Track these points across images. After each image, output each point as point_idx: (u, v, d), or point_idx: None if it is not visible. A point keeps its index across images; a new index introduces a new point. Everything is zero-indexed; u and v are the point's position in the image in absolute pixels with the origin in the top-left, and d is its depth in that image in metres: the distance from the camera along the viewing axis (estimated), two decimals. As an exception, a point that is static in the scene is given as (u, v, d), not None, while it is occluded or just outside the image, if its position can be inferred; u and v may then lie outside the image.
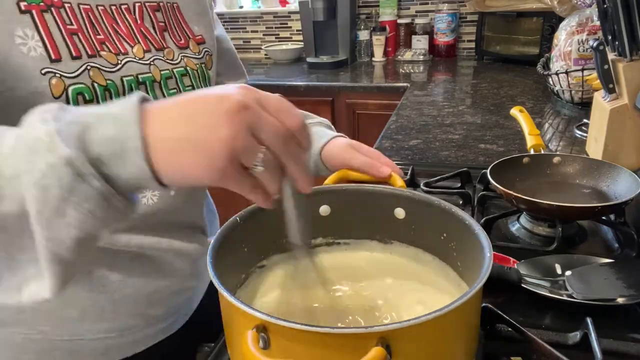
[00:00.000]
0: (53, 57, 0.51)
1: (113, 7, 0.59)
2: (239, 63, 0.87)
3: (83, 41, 0.54)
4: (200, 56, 0.69)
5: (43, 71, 0.50)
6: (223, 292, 0.40)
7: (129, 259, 0.62)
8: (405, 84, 1.92)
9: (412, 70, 2.17)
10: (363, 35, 2.37)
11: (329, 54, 2.36)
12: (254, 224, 0.53)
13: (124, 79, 0.58)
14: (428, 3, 2.38)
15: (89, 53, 0.54)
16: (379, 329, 0.35)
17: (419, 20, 2.34)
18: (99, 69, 0.55)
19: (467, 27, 2.35)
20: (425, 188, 0.87)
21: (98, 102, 0.54)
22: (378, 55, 2.38)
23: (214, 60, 0.74)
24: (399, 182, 0.70)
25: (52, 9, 0.52)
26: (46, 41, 0.51)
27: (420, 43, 2.34)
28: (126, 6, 0.61)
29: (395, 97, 1.85)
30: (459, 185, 0.91)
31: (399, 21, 2.39)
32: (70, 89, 0.52)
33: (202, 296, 0.80)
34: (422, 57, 2.33)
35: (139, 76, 0.59)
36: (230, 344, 0.46)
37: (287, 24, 2.66)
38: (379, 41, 2.35)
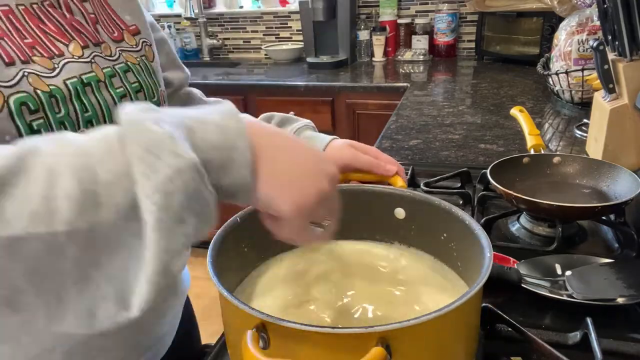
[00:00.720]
0: None
1: (34, 6, 0.52)
2: (175, 54, 0.79)
3: (11, 46, 0.48)
4: (138, 48, 0.63)
5: None
6: (223, 291, 0.40)
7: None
8: (405, 84, 1.92)
9: (412, 70, 2.17)
10: (363, 35, 2.37)
11: (329, 54, 2.36)
12: (254, 224, 0.53)
13: (67, 82, 0.51)
14: (428, 3, 2.38)
15: (22, 59, 0.48)
16: (379, 329, 0.35)
17: (419, 20, 2.35)
18: (37, 74, 0.49)
19: (467, 27, 2.35)
20: (425, 188, 0.87)
21: (45, 111, 0.48)
22: (378, 55, 2.38)
23: (155, 51, 0.67)
24: (399, 182, 0.70)
25: None
26: None
27: (420, 43, 2.34)
28: (49, 2, 0.53)
29: (395, 97, 1.85)
30: (459, 185, 0.91)
31: (399, 21, 2.39)
32: (11, 100, 0.46)
33: (180, 318, 0.76)
34: (422, 57, 2.33)
35: (83, 77, 0.53)
36: (230, 343, 0.46)
37: (287, 24, 2.66)
38: (379, 41, 2.35)
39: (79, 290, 0.33)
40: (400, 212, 0.57)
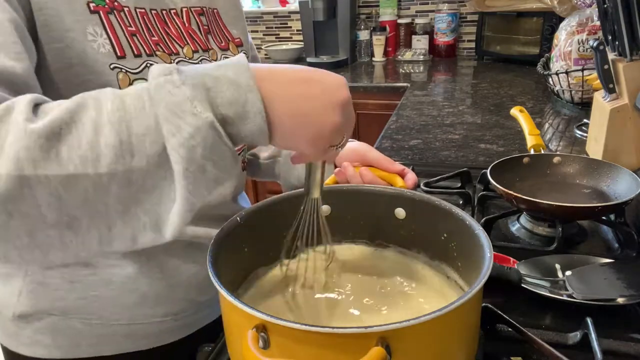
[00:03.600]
0: (119, 54, 0.55)
1: (164, 12, 0.63)
2: None
3: (141, 41, 0.58)
4: None
5: (111, 66, 0.55)
6: (223, 292, 0.40)
7: (183, 246, 0.66)
8: (405, 84, 1.92)
9: (412, 70, 2.17)
10: (363, 35, 2.37)
11: (329, 54, 2.36)
12: (254, 224, 0.53)
13: None
14: (428, 3, 2.38)
15: (147, 52, 0.58)
16: (379, 329, 0.35)
17: (419, 20, 2.34)
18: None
19: (467, 27, 2.35)
20: (425, 188, 0.87)
21: None
22: (378, 55, 2.38)
23: (250, 58, 0.79)
24: (399, 182, 0.70)
25: (115, 11, 0.56)
26: (112, 39, 0.55)
27: (420, 43, 2.34)
28: (175, 11, 0.65)
29: (395, 97, 1.85)
30: (459, 185, 0.91)
31: (399, 21, 2.39)
32: (135, 83, 0.56)
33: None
34: (422, 57, 2.33)
35: None
36: (230, 343, 0.46)
37: (287, 24, 2.66)
38: (379, 41, 2.34)
39: (123, 221, 0.40)
40: (400, 212, 0.57)
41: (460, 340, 0.42)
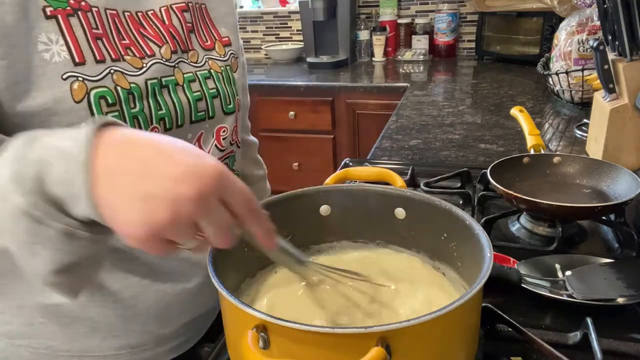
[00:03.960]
0: (77, 60, 0.51)
1: (139, 14, 0.59)
2: (247, 81, 0.83)
3: (107, 46, 0.54)
4: (225, 58, 0.68)
5: (64, 76, 0.50)
6: (223, 292, 0.40)
7: (142, 273, 0.61)
8: (405, 84, 1.92)
9: (412, 70, 2.17)
10: (363, 35, 2.37)
11: (329, 54, 2.36)
12: (254, 224, 0.53)
13: (148, 82, 0.57)
14: (428, 3, 2.38)
15: (113, 57, 0.54)
16: (379, 329, 0.35)
17: (419, 20, 2.35)
18: (122, 72, 0.55)
19: (467, 27, 2.35)
20: (425, 188, 0.87)
21: (121, 105, 0.54)
22: (378, 55, 2.38)
23: (240, 63, 0.74)
24: (399, 182, 0.70)
25: (79, 12, 0.52)
26: (71, 45, 0.51)
27: (420, 43, 2.34)
28: (153, 11, 0.61)
29: (395, 97, 1.85)
30: (459, 185, 0.91)
31: (399, 21, 2.39)
32: (92, 93, 0.52)
33: (217, 316, 0.77)
34: (422, 57, 2.33)
35: (163, 79, 0.59)
36: (230, 343, 0.46)
37: (287, 24, 2.66)
38: (379, 41, 2.35)
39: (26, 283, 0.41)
40: (400, 212, 0.57)
41: (460, 340, 0.42)
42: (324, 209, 0.59)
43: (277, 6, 2.66)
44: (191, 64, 0.64)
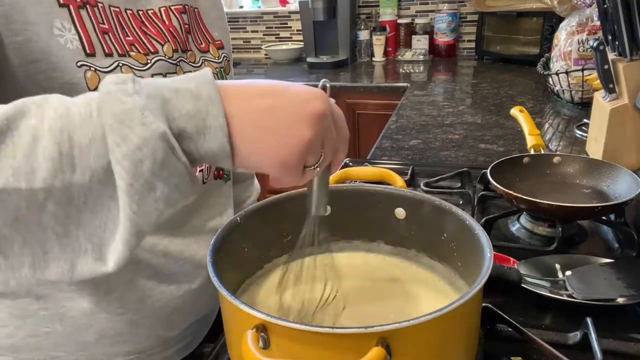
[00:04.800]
0: (88, 51, 0.52)
1: (140, 12, 0.60)
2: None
3: (113, 41, 0.55)
4: (219, 61, 0.70)
5: (79, 64, 0.51)
6: (223, 292, 0.40)
7: (147, 276, 0.61)
8: (405, 84, 1.92)
9: (412, 70, 2.17)
10: (363, 35, 2.37)
11: (329, 54, 2.36)
12: (254, 224, 0.53)
13: (155, 77, 0.58)
14: (428, 3, 2.38)
15: (119, 52, 0.55)
16: (379, 329, 0.35)
17: (419, 20, 2.34)
18: (130, 66, 0.56)
19: (467, 27, 2.35)
20: (425, 188, 0.87)
21: None
22: (378, 55, 2.38)
23: (232, 66, 0.75)
24: (399, 182, 0.70)
25: (87, 6, 0.53)
26: (82, 35, 0.52)
27: (420, 43, 2.34)
28: (152, 11, 0.62)
29: (395, 97, 1.85)
30: (459, 185, 0.91)
31: (399, 21, 2.39)
32: None
33: (217, 316, 0.78)
34: (422, 57, 2.33)
35: (167, 75, 0.60)
36: (230, 343, 0.46)
37: (287, 24, 2.66)
38: (379, 41, 2.34)
39: (61, 245, 0.36)
40: (400, 212, 0.57)
41: (460, 340, 0.42)
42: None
43: (277, 6, 2.65)
44: (190, 64, 0.65)
